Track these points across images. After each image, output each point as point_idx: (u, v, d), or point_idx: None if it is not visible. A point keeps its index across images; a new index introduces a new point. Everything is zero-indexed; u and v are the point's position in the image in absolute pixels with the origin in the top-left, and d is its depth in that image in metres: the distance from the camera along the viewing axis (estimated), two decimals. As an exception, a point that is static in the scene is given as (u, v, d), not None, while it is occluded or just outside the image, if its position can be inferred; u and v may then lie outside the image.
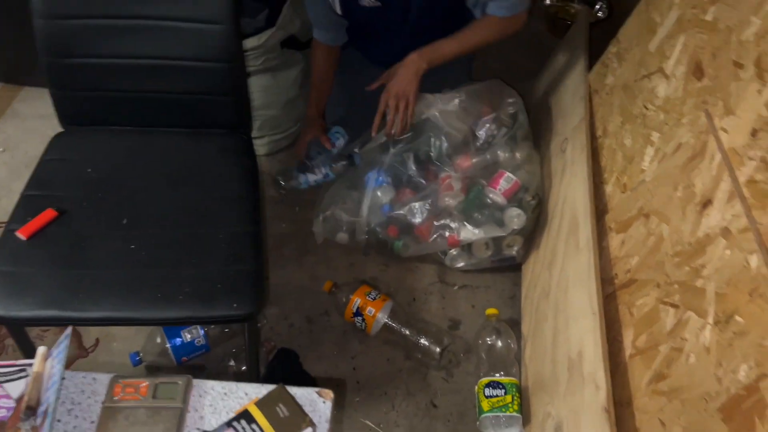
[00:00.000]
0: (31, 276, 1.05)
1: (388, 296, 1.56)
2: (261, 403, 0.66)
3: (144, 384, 0.68)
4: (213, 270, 1.08)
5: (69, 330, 0.73)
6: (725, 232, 1.01)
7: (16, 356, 1.39)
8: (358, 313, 1.51)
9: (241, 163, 1.28)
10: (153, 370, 1.46)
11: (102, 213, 1.15)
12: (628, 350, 1.20)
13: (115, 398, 0.67)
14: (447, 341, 1.50)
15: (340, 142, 1.78)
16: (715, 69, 1.19)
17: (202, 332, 1.43)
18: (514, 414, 1.33)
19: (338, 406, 1.44)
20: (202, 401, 0.71)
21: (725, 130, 1.10)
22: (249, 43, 1.64)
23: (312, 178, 1.77)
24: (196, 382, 0.73)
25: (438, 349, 1.48)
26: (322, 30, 1.67)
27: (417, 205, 1.60)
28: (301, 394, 0.70)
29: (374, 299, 1.52)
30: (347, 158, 1.76)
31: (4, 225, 1.12)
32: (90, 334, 1.52)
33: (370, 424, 1.41)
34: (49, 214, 1.13)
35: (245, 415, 0.65)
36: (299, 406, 0.67)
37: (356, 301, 1.52)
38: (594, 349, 1.18)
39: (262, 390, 0.71)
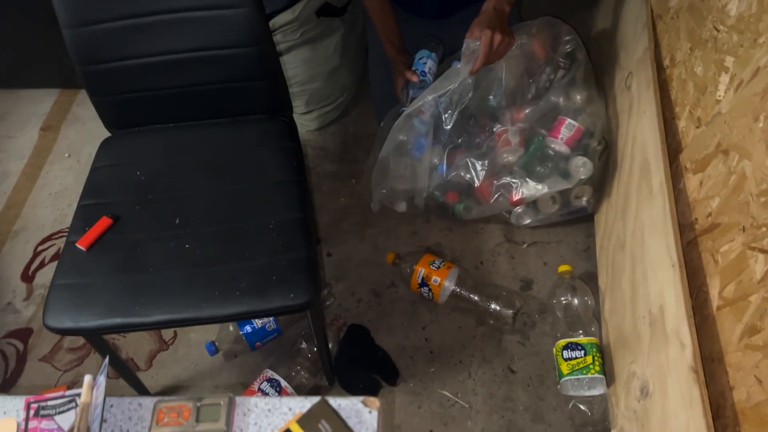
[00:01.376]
0: (93, 286, 1.07)
1: (453, 263, 1.51)
2: (303, 421, 0.64)
3: (187, 407, 0.67)
4: (265, 262, 1.07)
5: (107, 360, 0.74)
6: (818, 165, 0.89)
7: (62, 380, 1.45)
8: (424, 283, 1.47)
9: (283, 147, 1.24)
10: (230, 356, 1.49)
11: (154, 215, 1.16)
12: (714, 302, 1.10)
13: (160, 424, 0.67)
14: (519, 304, 1.44)
15: (430, 65, 1.59)
16: (795, -25, 1.04)
17: (271, 317, 1.44)
18: (596, 375, 1.26)
19: (413, 378, 1.42)
20: (246, 420, 0.70)
21: (811, 47, 0.96)
22: (283, 17, 1.60)
23: None
24: (239, 400, 0.72)
25: (510, 313, 1.42)
26: None
27: (477, 164, 1.52)
28: (345, 405, 0.67)
29: (439, 268, 1.47)
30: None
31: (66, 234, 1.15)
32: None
33: (447, 394, 1.39)
34: (104, 222, 1.15)
35: (287, 435, 0.63)
36: (342, 420, 0.64)
37: (420, 271, 1.48)
38: (676, 303, 1.09)
39: (305, 404, 0.68)
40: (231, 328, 1.46)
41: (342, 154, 1.87)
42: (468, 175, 1.53)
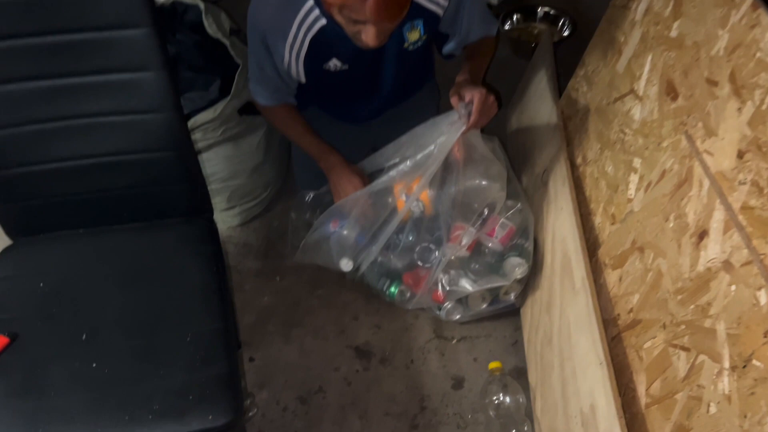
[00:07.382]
0: (-16, 415, 0.96)
1: (384, 362, 1.47)
2: None
3: None
4: (182, 379, 0.99)
5: None
6: (727, 265, 0.93)
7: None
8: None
9: (202, 251, 1.19)
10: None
11: (58, 331, 1.07)
12: (642, 399, 1.11)
13: None
14: None
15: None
16: (689, 88, 1.13)
17: None
18: (533, 479, 1.23)
19: (344, 493, 1.34)
20: None
21: (709, 153, 1.03)
22: (204, 116, 1.57)
23: None
24: None
25: None
26: (272, 94, 1.51)
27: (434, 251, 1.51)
28: None
29: None
30: None
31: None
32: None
33: None
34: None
35: None
36: None
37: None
38: (606, 402, 1.09)
39: None
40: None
41: (266, 250, 1.83)
42: (421, 260, 1.51)
